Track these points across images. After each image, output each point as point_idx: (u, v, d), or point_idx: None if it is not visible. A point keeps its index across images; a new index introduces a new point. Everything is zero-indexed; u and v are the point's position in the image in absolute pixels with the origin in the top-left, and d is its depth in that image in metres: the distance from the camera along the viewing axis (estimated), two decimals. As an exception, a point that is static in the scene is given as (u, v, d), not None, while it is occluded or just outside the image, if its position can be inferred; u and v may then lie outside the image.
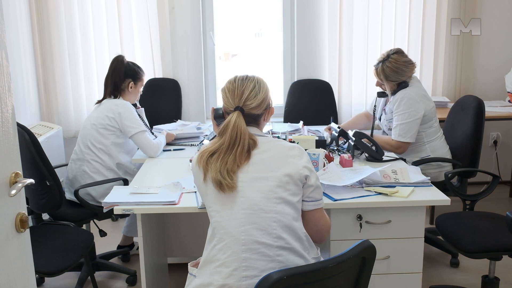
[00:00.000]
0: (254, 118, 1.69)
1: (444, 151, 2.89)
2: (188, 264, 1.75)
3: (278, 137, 2.68)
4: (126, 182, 2.60)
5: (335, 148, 2.74)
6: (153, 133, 2.97)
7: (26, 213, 1.30)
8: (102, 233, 2.66)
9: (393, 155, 2.67)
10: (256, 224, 1.54)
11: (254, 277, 1.50)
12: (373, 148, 2.54)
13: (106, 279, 2.92)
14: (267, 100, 1.71)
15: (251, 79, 1.69)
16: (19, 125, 2.22)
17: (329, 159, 2.38)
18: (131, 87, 2.83)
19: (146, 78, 2.98)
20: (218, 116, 1.78)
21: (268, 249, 1.53)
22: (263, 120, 1.74)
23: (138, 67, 2.90)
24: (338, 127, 2.80)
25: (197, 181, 1.67)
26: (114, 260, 3.09)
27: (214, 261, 1.55)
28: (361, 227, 2.04)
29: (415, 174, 2.23)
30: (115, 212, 1.95)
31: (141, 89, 2.94)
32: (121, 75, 2.80)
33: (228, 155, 1.59)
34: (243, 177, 1.58)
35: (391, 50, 2.84)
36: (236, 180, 1.57)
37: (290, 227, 1.57)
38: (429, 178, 2.19)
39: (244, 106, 1.65)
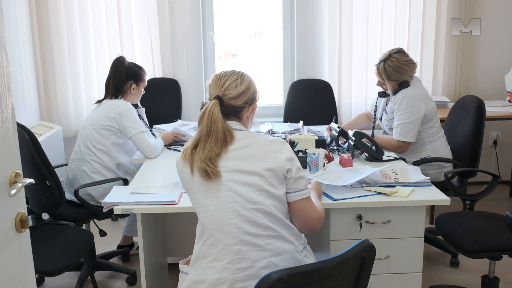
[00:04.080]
0: (234, 110, 1.69)
1: (445, 151, 2.89)
2: (179, 262, 1.75)
3: (278, 137, 2.67)
4: (126, 182, 2.60)
5: (335, 148, 2.74)
6: (153, 134, 2.97)
7: (26, 213, 1.30)
8: (102, 233, 2.66)
9: (393, 155, 2.67)
10: (243, 217, 1.55)
11: (248, 268, 1.52)
12: (373, 148, 2.54)
13: (106, 279, 2.92)
14: (249, 93, 1.70)
15: (235, 73, 1.70)
16: (19, 125, 2.22)
17: (329, 159, 2.38)
18: (133, 89, 2.83)
19: (146, 77, 2.97)
20: None
21: (258, 239, 1.54)
22: (246, 116, 1.73)
23: (140, 67, 2.89)
24: (338, 127, 2.80)
25: (183, 177, 1.66)
26: (114, 260, 3.09)
27: (207, 256, 1.57)
28: (361, 227, 2.04)
29: (415, 174, 2.23)
30: (115, 212, 1.95)
31: (143, 89, 2.93)
32: (123, 77, 2.79)
33: (206, 143, 1.61)
34: (224, 169, 1.59)
35: (392, 49, 2.84)
36: (219, 169, 1.58)
37: (276, 217, 1.59)
38: (429, 178, 2.19)
39: (224, 96, 1.65)
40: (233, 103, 1.67)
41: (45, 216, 2.71)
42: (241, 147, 1.63)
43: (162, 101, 3.84)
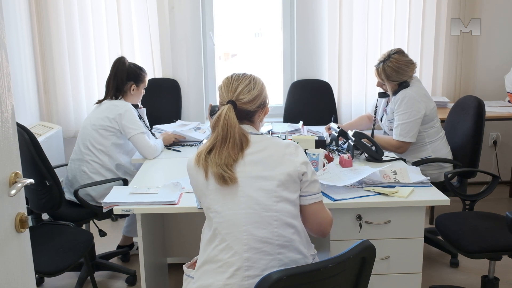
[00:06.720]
0: (247, 114, 1.68)
1: (445, 151, 2.89)
2: (183, 266, 1.74)
3: (278, 137, 2.68)
4: (126, 182, 2.60)
5: (335, 148, 2.74)
6: (153, 134, 2.97)
7: (26, 213, 1.30)
8: (102, 233, 2.65)
9: (393, 155, 2.67)
10: (257, 224, 1.54)
11: (256, 276, 1.50)
12: (373, 148, 2.54)
13: (106, 279, 2.92)
14: (262, 98, 1.70)
15: (247, 76, 1.70)
16: (19, 125, 2.22)
17: (329, 159, 2.38)
18: (133, 90, 2.82)
19: (147, 78, 2.96)
20: (214, 112, 1.78)
21: (269, 248, 1.54)
22: (258, 119, 1.73)
23: (140, 68, 2.88)
24: (338, 127, 2.80)
25: (196, 182, 1.65)
26: (114, 260, 3.09)
27: (216, 261, 1.55)
28: (360, 227, 2.04)
29: (415, 174, 2.23)
30: (114, 212, 1.95)
31: (144, 90, 2.93)
32: (123, 77, 2.79)
33: (223, 148, 1.60)
34: (241, 175, 1.58)
35: (391, 50, 2.84)
36: (236, 175, 1.58)
37: (290, 224, 1.58)
38: (428, 178, 2.19)
39: (237, 100, 1.65)
40: (246, 107, 1.66)
41: (45, 216, 2.71)
42: (257, 151, 1.62)
43: (162, 101, 3.84)
